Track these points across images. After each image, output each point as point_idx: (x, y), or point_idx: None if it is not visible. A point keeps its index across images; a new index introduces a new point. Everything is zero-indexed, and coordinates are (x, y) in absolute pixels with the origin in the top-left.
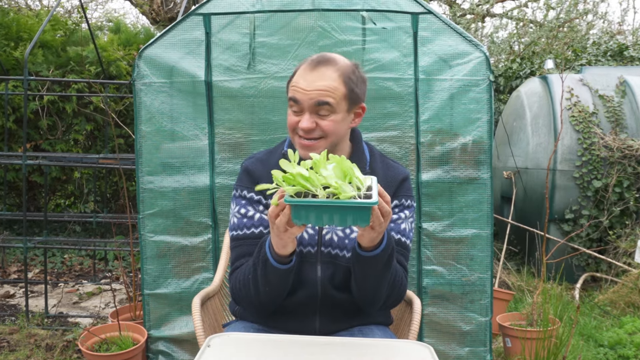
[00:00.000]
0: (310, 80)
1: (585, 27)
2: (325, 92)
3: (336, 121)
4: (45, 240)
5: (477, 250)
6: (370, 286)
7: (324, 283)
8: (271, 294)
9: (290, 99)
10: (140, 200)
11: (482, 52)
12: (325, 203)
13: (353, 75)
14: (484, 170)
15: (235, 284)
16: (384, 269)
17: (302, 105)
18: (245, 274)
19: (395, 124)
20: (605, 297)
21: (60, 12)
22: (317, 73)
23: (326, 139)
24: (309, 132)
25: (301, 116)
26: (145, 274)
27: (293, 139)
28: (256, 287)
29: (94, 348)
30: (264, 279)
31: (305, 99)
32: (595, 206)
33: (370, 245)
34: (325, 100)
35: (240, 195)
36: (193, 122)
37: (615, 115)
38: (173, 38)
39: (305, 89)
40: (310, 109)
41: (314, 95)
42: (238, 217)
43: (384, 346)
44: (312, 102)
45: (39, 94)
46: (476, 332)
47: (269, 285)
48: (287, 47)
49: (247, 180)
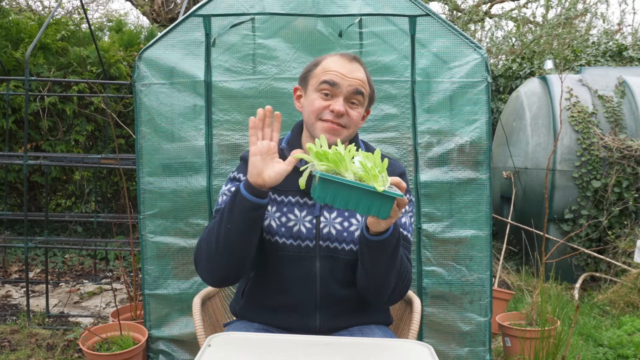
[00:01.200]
0: (350, 69)
1: (584, 27)
2: (362, 83)
3: (360, 114)
4: (46, 240)
5: (476, 251)
6: (379, 273)
7: (324, 278)
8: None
9: (324, 82)
10: (141, 201)
11: (480, 54)
12: (359, 185)
13: (371, 80)
14: (483, 170)
15: (200, 240)
16: (393, 254)
17: (339, 89)
18: (211, 224)
19: (393, 125)
20: (604, 297)
21: (61, 12)
22: (354, 65)
23: (348, 129)
24: (339, 117)
25: (331, 100)
26: (146, 274)
27: (314, 124)
28: (219, 231)
29: (94, 348)
30: (229, 214)
31: (345, 84)
32: (594, 206)
33: (379, 231)
34: (361, 90)
35: (236, 177)
36: (192, 123)
37: (614, 115)
38: (173, 39)
39: (346, 75)
40: (347, 95)
41: (354, 83)
42: (227, 195)
43: (384, 346)
44: (351, 89)
45: (40, 94)
46: (476, 333)
47: (230, 223)
48: (287, 49)
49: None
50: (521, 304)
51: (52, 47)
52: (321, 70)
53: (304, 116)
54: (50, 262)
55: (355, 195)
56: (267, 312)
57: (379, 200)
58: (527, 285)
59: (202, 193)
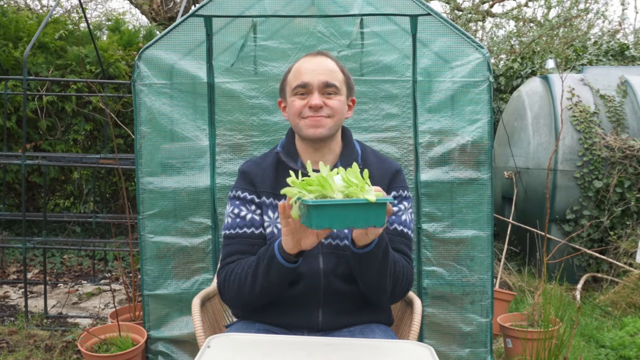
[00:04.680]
0: (316, 64)
1: (586, 26)
2: (331, 74)
3: (341, 101)
4: (44, 241)
5: (477, 251)
6: (372, 281)
7: (327, 274)
8: (266, 292)
9: (297, 87)
10: (140, 201)
11: (482, 53)
12: (355, 202)
13: (344, 68)
14: (484, 170)
15: (229, 277)
16: (383, 261)
17: (310, 86)
18: (243, 269)
19: (394, 125)
20: (606, 298)
21: (60, 11)
22: (319, 60)
23: (332, 118)
24: (318, 110)
25: (307, 98)
26: (145, 274)
27: (298, 124)
28: (254, 283)
29: (93, 349)
30: (266, 275)
31: (315, 80)
32: (596, 206)
33: (366, 243)
34: (332, 82)
35: (235, 195)
36: (193, 123)
37: (616, 115)
38: (173, 39)
39: (314, 69)
40: (319, 89)
41: (323, 76)
42: (232, 217)
43: (385, 347)
44: (321, 83)
45: (39, 94)
46: (477, 333)
47: (267, 282)
48: (288, 50)
49: (242, 181)
50: (522, 304)
51: (51, 46)
52: (292, 76)
53: (290, 122)
54: (49, 262)
55: (351, 212)
56: (270, 309)
57: (373, 210)
58: (529, 286)
59: (205, 192)
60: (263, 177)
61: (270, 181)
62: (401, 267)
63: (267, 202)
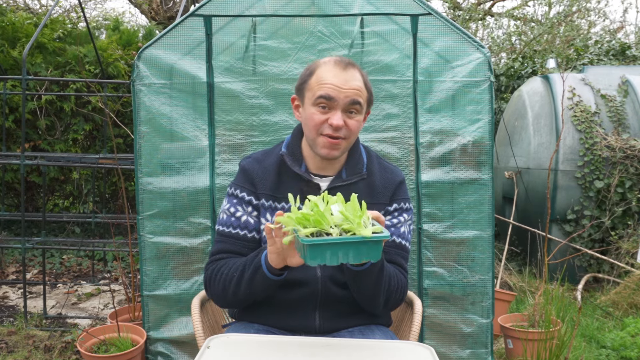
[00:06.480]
0: (344, 79)
1: (586, 25)
2: (358, 92)
3: (359, 121)
4: (43, 241)
5: (478, 252)
6: (367, 295)
7: (325, 280)
8: (248, 298)
9: (320, 97)
10: (140, 201)
11: (483, 53)
12: (350, 240)
13: (368, 81)
14: (485, 170)
15: (215, 275)
16: (378, 277)
17: (335, 102)
18: (230, 271)
19: (394, 125)
20: (607, 298)
21: (59, 11)
22: (349, 73)
23: (347, 140)
24: (338, 130)
25: (329, 114)
26: (145, 275)
27: (316, 138)
28: (237, 287)
29: (92, 349)
30: (250, 283)
31: (341, 96)
32: (597, 206)
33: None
34: (358, 100)
35: (233, 194)
36: (193, 123)
37: (617, 115)
38: (173, 39)
39: (341, 86)
40: (344, 107)
41: (350, 94)
42: (227, 215)
43: (385, 347)
44: (347, 101)
45: (37, 93)
46: (477, 334)
47: (250, 289)
48: (288, 50)
49: (242, 178)
50: (523, 305)
51: (49, 46)
52: (316, 81)
53: (304, 130)
54: (48, 263)
55: (346, 249)
56: (267, 313)
57: (370, 246)
58: (529, 286)
59: (205, 192)
60: (264, 178)
61: (271, 183)
62: (396, 282)
63: (265, 205)
